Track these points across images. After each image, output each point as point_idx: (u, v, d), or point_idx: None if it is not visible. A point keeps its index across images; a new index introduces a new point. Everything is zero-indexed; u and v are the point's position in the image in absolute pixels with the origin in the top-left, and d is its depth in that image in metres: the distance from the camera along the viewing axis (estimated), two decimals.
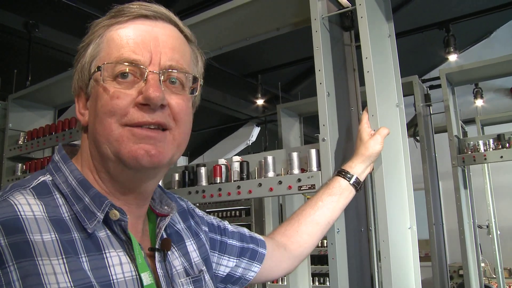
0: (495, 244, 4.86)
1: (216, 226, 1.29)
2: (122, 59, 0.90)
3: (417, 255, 1.79)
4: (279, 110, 4.04)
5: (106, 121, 0.89)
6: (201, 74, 1.05)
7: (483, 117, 5.31)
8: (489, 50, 7.64)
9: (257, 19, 2.28)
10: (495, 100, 7.71)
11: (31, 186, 0.88)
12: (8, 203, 0.82)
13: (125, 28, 0.94)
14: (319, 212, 1.46)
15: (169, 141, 0.92)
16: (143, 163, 0.88)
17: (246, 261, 1.29)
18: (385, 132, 1.59)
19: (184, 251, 1.08)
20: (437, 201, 3.80)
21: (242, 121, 9.18)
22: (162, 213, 1.05)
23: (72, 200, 0.89)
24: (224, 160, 2.15)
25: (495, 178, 5.26)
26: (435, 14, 6.17)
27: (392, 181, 1.73)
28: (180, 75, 0.95)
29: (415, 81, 3.73)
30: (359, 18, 1.76)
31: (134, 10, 0.95)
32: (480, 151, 3.64)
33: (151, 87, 0.88)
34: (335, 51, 1.91)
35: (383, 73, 1.85)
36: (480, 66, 3.66)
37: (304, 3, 1.92)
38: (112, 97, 0.89)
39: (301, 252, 1.43)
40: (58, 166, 0.95)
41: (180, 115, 0.94)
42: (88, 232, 0.86)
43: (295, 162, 1.87)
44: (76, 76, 0.98)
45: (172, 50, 0.94)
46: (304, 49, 5.96)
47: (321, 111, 1.76)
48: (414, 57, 7.31)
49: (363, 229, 1.90)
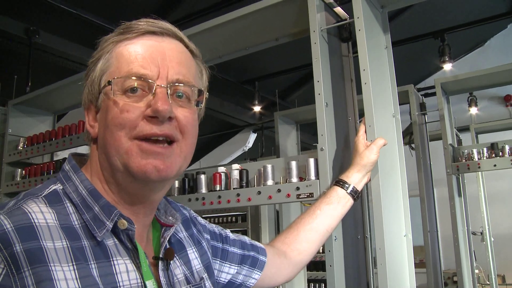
0: (489, 251, 4.90)
1: (218, 234, 1.32)
2: (131, 74, 0.94)
3: (412, 262, 1.83)
4: (277, 117, 4.07)
5: (116, 134, 0.92)
6: (205, 87, 1.09)
7: (478, 125, 5.37)
8: (483, 58, 7.74)
9: (257, 30, 2.32)
10: (489, 108, 7.78)
11: (43, 195, 0.91)
12: (22, 210, 0.85)
13: (134, 44, 0.97)
14: (317, 220, 1.49)
15: (176, 154, 0.96)
16: (152, 177, 0.92)
17: (247, 269, 1.32)
18: (381, 142, 1.63)
19: (186, 259, 1.11)
20: (432, 208, 3.84)
21: (239, 128, 9.21)
22: (166, 223, 1.08)
23: (82, 209, 0.92)
24: (223, 168, 2.18)
25: (489, 185, 5.31)
26: (430, 24, 6.25)
27: (388, 190, 1.77)
28: (186, 89, 0.98)
29: (410, 90, 3.78)
30: (357, 31, 1.80)
31: (142, 26, 0.99)
32: (474, 160, 3.70)
33: (159, 100, 0.92)
34: (333, 62, 1.95)
35: (380, 84, 1.90)
36: (475, 75, 3.72)
37: (303, 14, 1.97)
38: (122, 111, 0.92)
39: (301, 259, 1.46)
40: (68, 175, 0.98)
41: (186, 128, 0.98)
42: (97, 240, 0.89)
43: (293, 171, 1.90)
44: (86, 90, 1.01)
45: (179, 64, 0.98)
46: (301, 57, 6.02)
47: (320, 121, 1.81)
48: (409, 65, 7.37)
49: (360, 237, 1.94)
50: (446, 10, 6.27)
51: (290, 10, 2.09)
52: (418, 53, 7.20)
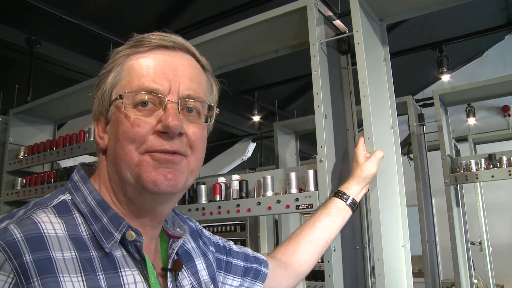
0: (487, 261, 4.91)
1: (222, 246, 1.33)
2: (142, 88, 0.94)
3: (410, 273, 1.84)
4: (276, 128, 4.09)
5: (127, 148, 0.93)
6: (215, 101, 1.09)
7: (476, 136, 5.40)
8: (481, 69, 7.82)
9: (257, 42, 2.35)
10: (487, 118, 7.83)
11: (52, 205, 0.92)
12: (32, 220, 0.85)
13: (145, 58, 0.97)
14: (317, 232, 1.51)
15: (184, 166, 0.97)
16: (162, 187, 0.92)
17: (249, 280, 1.34)
18: (380, 155, 1.65)
19: (194, 270, 1.12)
20: (430, 218, 3.86)
21: (238, 137, 9.22)
22: (174, 235, 1.08)
23: (90, 219, 0.92)
24: (223, 179, 2.20)
25: (487, 195, 5.33)
26: (428, 35, 6.30)
27: (386, 201, 1.78)
28: (197, 104, 0.99)
29: (409, 101, 3.81)
30: (356, 44, 1.82)
31: (154, 40, 0.99)
32: (472, 170, 3.72)
33: (170, 116, 0.92)
34: (332, 75, 1.98)
35: (379, 96, 1.92)
36: (473, 87, 3.75)
37: (302, 27, 1.99)
38: (133, 125, 0.93)
39: (301, 271, 1.47)
40: (77, 186, 0.98)
41: (196, 143, 0.98)
42: (105, 251, 0.90)
43: (293, 182, 1.92)
44: (97, 102, 1.02)
45: (190, 79, 0.98)
46: (300, 67, 6.07)
47: (319, 133, 1.83)
48: (407, 76, 7.43)
49: (358, 247, 1.96)
50: (444, 21, 6.33)
51: (290, 23, 2.12)
52: (416, 64, 7.26)
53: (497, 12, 6.62)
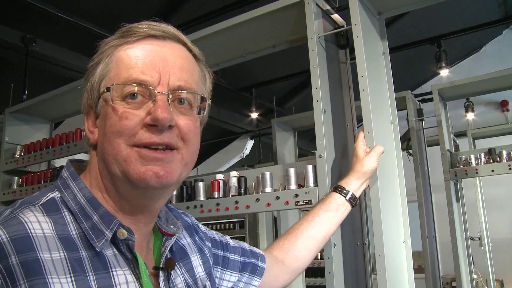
0: (487, 256, 4.90)
1: (219, 241, 1.31)
2: (131, 80, 0.90)
3: (411, 268, 1.83)
4: (274, 124, 4.08)
5: (115, 141, 0.90)
6: (209, 92, 1.05)
7: (475, 131, 5.39)
8: (479, 64, 7.81)
9: (254, 37, 2.33)
10: (486, 113, 7.82)
11: (40, 203, 0.88)
12: (18, 220, 0.81)
13: (134, 48, 0.94)
14: (316, 227, 1.48)
15: (177, 160, 0.93)
16: (152, 184, 0.89)
17: (247, 276, 1.31)
18: (381, 150, 1.63)
19: (189, 266, 1.09)
20: (430, 214, 3.85)
21: (237, 134, 9.21)
22: (168, 232, 1.05)
23: (80, 218, 0.89)
24: (221, 175, 2.17)
25: (486, 190, 5.32)
26: (426, 30, 6.29)
27: (387, 196, 1.76)
28: (189, 96, 0.95)
29: (408, 96, 3.79)
30: (355, 38, 1.80)
31: (143, 30, 0.95)
32: (472, 165, 3.71)
33: (159, 108, 0.88)
34: (331, 69, 1.96)
35: (378, 90, 1.90)
36: (471, 81, 3.74)
37: (300, 22, 1.97)
38: (121, 118, 0.89)
39: (299, 266, 1.45)
40: (66, 183, 0.95)
41: (188, 136, 0.95)
42: (96, 250, 0.86)
43: (292, 178, 1.89)
44: (86, 95, 0.99)
45: (181, 70, 0.94)
46: (298, 63, 6.06)
47: (318, 128, 1.80)
48: (406, 71, 7.41)
49: (359, 243, 1.94)
50: (443, 16, 6.32)
51: (288, 18, 2.10)
52: (415, 59, 7.25)
53: (495, 7, 6.61)
